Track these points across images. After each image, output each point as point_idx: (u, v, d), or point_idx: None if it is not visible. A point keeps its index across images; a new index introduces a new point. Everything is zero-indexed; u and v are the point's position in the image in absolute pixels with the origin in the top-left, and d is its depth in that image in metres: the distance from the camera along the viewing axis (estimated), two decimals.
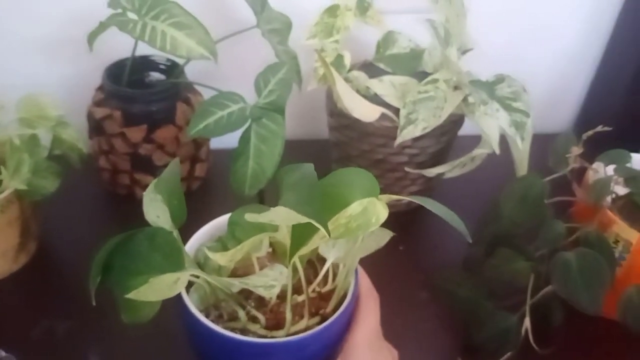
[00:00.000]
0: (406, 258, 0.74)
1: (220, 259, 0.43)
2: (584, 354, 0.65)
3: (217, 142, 0.79)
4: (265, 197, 0.68)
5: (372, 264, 0.51)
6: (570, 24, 0.92)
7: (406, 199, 0.41)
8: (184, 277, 0.41)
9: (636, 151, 0.66)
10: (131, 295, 0.39)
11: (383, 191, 0.52)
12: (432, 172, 0.74)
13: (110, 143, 0.74)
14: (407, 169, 0.74)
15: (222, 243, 0.48)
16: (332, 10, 0.73)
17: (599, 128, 0.64)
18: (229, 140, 0.68)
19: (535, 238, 0.62)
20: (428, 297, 0.69)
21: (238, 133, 0.66)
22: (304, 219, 0.35)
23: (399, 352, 0.51)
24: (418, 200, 0.41)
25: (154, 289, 0.40)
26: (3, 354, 0.58)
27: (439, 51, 0.73)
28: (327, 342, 0.47)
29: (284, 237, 0.44)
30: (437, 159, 0.75)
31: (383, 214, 0.39)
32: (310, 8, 0.73)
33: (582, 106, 1.02)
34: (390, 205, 0.40)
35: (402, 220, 0.79)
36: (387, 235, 0.49)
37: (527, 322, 0.60)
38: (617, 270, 0.60)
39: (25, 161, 0.62)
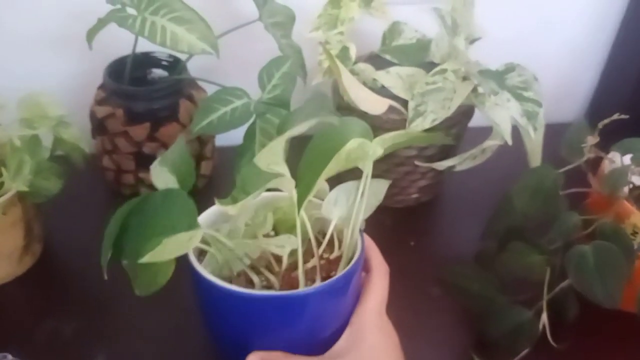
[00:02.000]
0: (417, 253, 0.73)
1: (231, 210, 0.43)
2: (602, 349, 0.63)
3: (223, 139, 0.78)
4: None
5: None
6: (580, 13, 0.91)
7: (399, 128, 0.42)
8: (197, 235, 0.42)
9: None
10: (147, 258, 0.39)
11: (392, 186, 0.52)
12: (442, 165, 0.72)
13: (114, 142, 0.73)
14: (416, 162, 0.73)
15: (231, 197, 0.49)
16: (335, 2, 0.72)
17: (616, 116, 0.62)
18: (234, 137, 0.67)
19: (549, 231, 0.61)
20: (440, 293, 0.68)
21: (243, 129, 0.65)
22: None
23: (411, 348, 0.51)
24: None
25: (168, 249, 0.40)
26: (10, 358, 0.57)
27: (446, 41, 0.72)
28: (339, 299, 0.47)
29: (290, 188, 0.44)
30: (447, 151, 0.74)
31: (378, 149, 0.44)
32: (314, 0, 0.71)
33: (593, 95, 1.00)
34: (399, 201, 0.39)
35: (412, 216, 0.77)
36: (384, 185, 0.50)
37: (544, 318, 0.58)
38: (635, 262, 0.59)
39: (27, 162, 0.61)
